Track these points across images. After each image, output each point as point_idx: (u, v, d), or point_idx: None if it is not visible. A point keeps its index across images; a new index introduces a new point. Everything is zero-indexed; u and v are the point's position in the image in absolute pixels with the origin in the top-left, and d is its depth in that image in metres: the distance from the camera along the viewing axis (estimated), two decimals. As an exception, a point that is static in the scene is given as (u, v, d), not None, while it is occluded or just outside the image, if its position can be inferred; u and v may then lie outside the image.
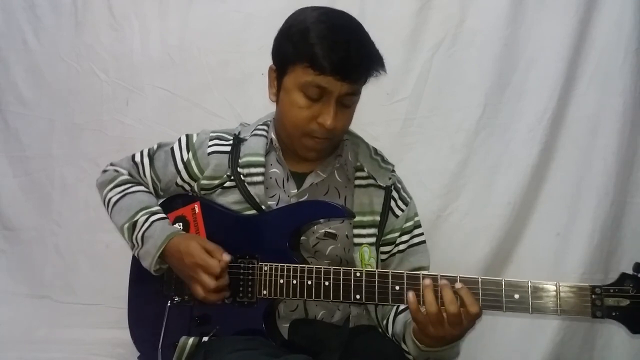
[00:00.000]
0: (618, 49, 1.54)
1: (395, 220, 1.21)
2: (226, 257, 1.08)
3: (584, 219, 1.58)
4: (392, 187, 1.22)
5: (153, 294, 1.20)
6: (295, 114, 1.10)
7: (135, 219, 1.16)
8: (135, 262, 1.24)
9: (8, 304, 1.80)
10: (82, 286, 1.82)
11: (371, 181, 1.19)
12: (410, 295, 0.96)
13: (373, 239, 1.17)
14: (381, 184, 1.19)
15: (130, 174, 1.26)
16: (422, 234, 1.27)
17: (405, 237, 1.23)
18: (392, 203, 1.21)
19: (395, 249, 1.22)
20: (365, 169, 1.20)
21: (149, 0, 1.79)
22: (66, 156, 1.86)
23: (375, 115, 1.68)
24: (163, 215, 1.18)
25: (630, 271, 0.93)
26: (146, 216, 1.16)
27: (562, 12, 1.57)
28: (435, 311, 0.94)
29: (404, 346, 1.09)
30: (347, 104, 1.10)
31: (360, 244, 1.16)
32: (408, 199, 1.25)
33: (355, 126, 1.29)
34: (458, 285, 0.95)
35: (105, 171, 1.29)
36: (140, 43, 1.81)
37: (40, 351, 1.51)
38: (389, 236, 1.21)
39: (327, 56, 1.03)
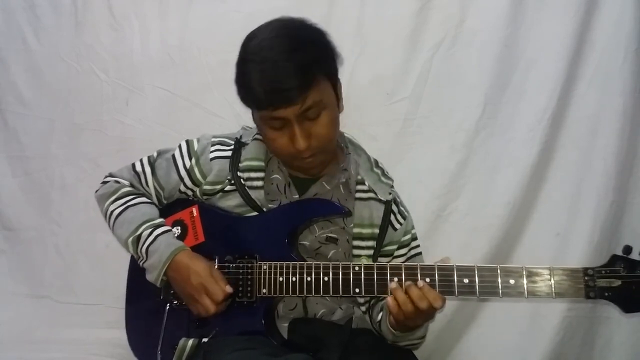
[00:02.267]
0: (618, 49, 1.54)
1: (394, 233, 1.22)
2: (229, 288, 1.10)
3: (584, 219, 1.58)
4: (392, 201, 1.23)
5: (151, 298, 1.20)
6: (273, 145, 1.13)
7: (139, 232, 1.15)
8: (133, 268, 1.24)
9: (8, 304, 1.80)
10: (82, 286, 1.82)
11: (371, 195, 1.20)
12: (390, 300, 1.02)
13: (371, 252, 1.18)
14: (382, 198, 1.20)
15: (132, 185, 1.24)
16: (418, 246, 1.30)
17: (403, 251, 1.25)
18: (392, 217, 1.22)
19: (393, 261, 1.24)
20: (366, 183, 1.21)
21: (149, 0, 1.79)
22: (66, 156, 1.86)
23: (375, 115, 1.68)
24: (167, 227, 1.18)
25: (620, 253, 0.96)
26: (150, 229, 1.15)
27: (562, 12, 1.57)
28: (411, 309, 1.00)
29: (376, 327, 1.18)
30: (311, 117, 1.08)
31: (359, 256, 1.17)
32: (406, 213, 1.27)
33: (356, 126, 1.30)
34: (420, 283, 1.01)
35: (104, 182, 1.27)
36: (140, 43, 1.81)
37: (40, 351, 1.51)
38: (387, 248, 1.22)
39: (263, 96, 1.04)
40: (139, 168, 1.25)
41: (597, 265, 0.98)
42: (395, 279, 1.02)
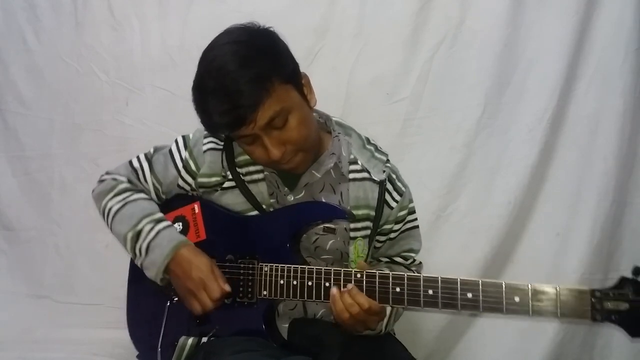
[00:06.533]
0: (618, 49, 1.55)
1: (390, 211, 1.21)
2: (227, 287, 1.09)
3: (584, 219, 1.58)
4: (387, 180, 1.21)
5: (152, 293, 1.19)
6: (252, 157, 1.14)
7: (139, 227, 1.14)
8: (134, 263, 1.24)
9: (8, 304, 1.80)
10: (82, 286, 1.82)
11: (365, 175, 1.18)
12: (334, 290, 1.04)
13: (367, 232, 1.17)
14: (375, 179, 1.18)
15: (129, 181, 1.23)
16: (415, 219, 1.28)
17: (398, 226, 1.23)
18: (387, 196, 1.20)
19: (388, 237, 1.24)
20: (359, 162, 1.19)
21: (149, 0, 1.79)
22: (66, 156, 1.86)
23: (375, 115, 1.68)
24: (168, 223, 1.16)
25: (629, 275, 0.93)
26: (151, 225, 1.14)
27: (562, 12, 1.57)
28: (346, 318, 1.03)
29: None
30: (278, 125, 1.05)
31: (355, 238, 1.16)
32: (403, 189, 1.24)
33: (356, 126, 1.29)
34: (350, 286, 1.03)
35: (102, 181, 1.25)
36: (141, 43, 1.81)
37: (40, 351, 1.51)
38: (384, 227, 1.21)
39: (220, 121, 1.04)
40: (136, 164, 1.24)
41: (600, 271, 0.96)
42: (334, 288, 1.04)
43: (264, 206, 1.16)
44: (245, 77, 1.00)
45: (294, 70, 1.10)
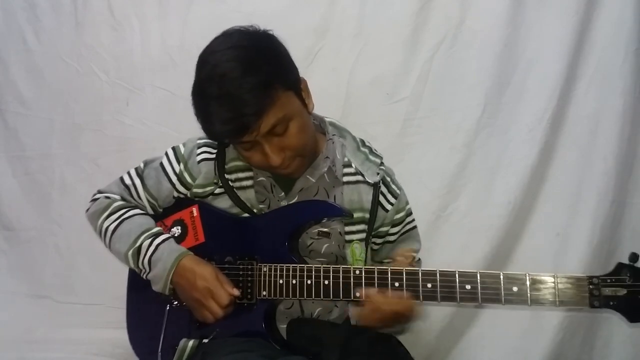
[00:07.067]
0: (618, 49, 1.54)
1: (386, 214, 1.21)
2: (235, 291, 1.09)
3: (584, 219, 1.58)
4: (381, 182, 1.20)
5: (152, 298, 1.19)
6: (250, 162, 1.13)
7: (139, 243, 1.14)
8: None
9: (8, 304, 1.80)
10: (82, 286, 1.82)
11: (359, 177, 1.18)
12: (355, 311, 1.07)
13: (363, 235, 1.17)
14: (369, 181, 1.18)
15: (123, 198, 1.22)
16: (413, 220, 1.28)
17: (395, 229, 1.24)
18: (382, 198, 1.20)
19: (386, 240, 1.24)
20: (353, 165, 1.19)
21: (149, 0, 1.79)
22: (66, 156, 1.87)
23: (375, 115, 1.68)
24: (166, 235, 1.16)
25: (626, 261, 0.94)
26: (150, 239, 1.14)
27: (562, 12, 1.57)
28: (378, 317, 1.04)
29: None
30: (279, 132, 1.05)
31: (351, 241, 1.16)
32: (397, 191, 1.23)
33: (356, 126, 1.29)
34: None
35: (94, 200, 1.25)
36: (141, 43, 1.81)
37: (40, 351, 1.51)
38: (380, 230, 1.21)
39: (222, 130, 1.03)
40: (128, 181, 1.23)
41: (600, 270, 0.96)
42: (357, 293, 1.04)
43: (254, 211, 1.16)
44: (248, 84, 0.99)
45: (295, 76, 1.10)
